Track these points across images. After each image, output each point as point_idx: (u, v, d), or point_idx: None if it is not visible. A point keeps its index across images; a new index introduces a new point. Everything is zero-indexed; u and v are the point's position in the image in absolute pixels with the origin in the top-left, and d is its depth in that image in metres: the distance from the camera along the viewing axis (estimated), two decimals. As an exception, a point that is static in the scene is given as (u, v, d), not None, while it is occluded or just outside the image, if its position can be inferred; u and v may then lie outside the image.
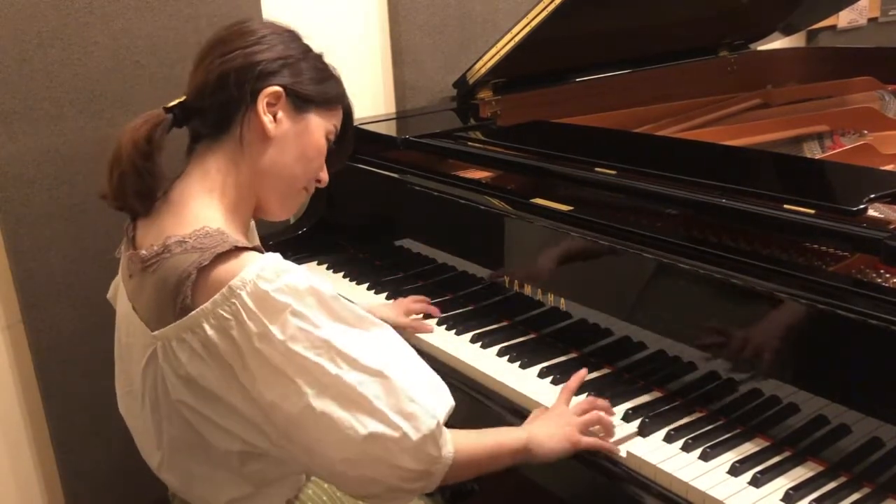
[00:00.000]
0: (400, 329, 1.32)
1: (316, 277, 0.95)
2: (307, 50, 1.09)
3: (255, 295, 0.90)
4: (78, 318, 1.73)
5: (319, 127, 1.08)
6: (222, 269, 0.92)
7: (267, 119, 1.03)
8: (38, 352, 1.71)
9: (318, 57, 1.10)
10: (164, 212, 1.02)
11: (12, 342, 1.73)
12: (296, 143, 1.06)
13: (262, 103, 1.02)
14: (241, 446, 0.97)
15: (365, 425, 0.92)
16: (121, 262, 1.10)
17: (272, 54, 1.03)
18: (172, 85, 1.74)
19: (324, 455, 0.93)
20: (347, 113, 1.14)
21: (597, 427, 1.14)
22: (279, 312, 0.90)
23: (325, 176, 1.13)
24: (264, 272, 0.91)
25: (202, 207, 1.01)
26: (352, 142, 1.17)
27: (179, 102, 1.04)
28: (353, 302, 1.60)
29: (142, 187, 1.00)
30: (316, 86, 1.07)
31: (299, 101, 1.05)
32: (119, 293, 1.09)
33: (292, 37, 1.08)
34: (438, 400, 0.98)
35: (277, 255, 0.95)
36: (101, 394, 1.72)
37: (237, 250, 0.94)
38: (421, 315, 1.53)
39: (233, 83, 1.01)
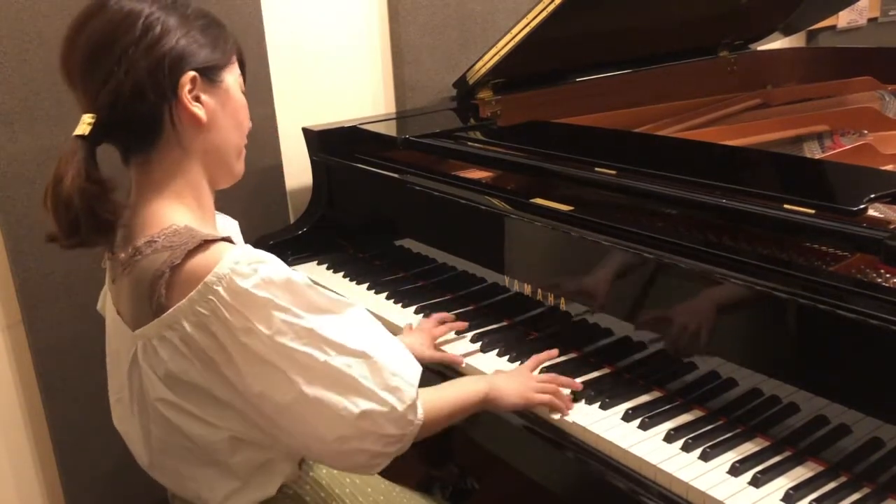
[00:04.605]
0: (427, 362, 1.32)
1: (287, 268, 0.95)
2: (185, 12, 1.01)
3: (233, 291, 0.90)
4: (78, 318, 1.73)
5: (234, 84, 1.05)
6: (194, 265, 0.92)
7: (196, 108, 0.99)
8: (38, 352, 1.71)
9: (197, 11, 1.03)
10: (131, 220, 1.00)
11: (12, 342, 1.72)
12: (225, 114, 1.04)
13: (184, 95, 0.98)
14: (229, 434, 0.98)
15: (357, 404, 0.95)
16: (107, 270, 1.10)
17: (169, 39, 0.97)
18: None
19: (316, 437, 0.96)
20: (240, 50, 1.08)
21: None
22: (261, 308, 0.91)
23: (250, 122, 1.10)
24: (239, 266, 0.90)
25: (167, 209, 1.00)
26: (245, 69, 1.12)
27: (92, 124, 0.95)
28: (342, 296, 1.61)
29: (101, 225, 0.95)
30: (214, 47, 1.02)
31: (211, 73, 1.02)
32: (107, 301, 1.09)
33: (163, 1, 1.00)
34: (412, 369, 1.03)
35: (248, 247, 0.95)
36: (101, 394, 1.71)
37: (206, 243, 0.93)
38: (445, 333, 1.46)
39: (149, 89, 0.96)
